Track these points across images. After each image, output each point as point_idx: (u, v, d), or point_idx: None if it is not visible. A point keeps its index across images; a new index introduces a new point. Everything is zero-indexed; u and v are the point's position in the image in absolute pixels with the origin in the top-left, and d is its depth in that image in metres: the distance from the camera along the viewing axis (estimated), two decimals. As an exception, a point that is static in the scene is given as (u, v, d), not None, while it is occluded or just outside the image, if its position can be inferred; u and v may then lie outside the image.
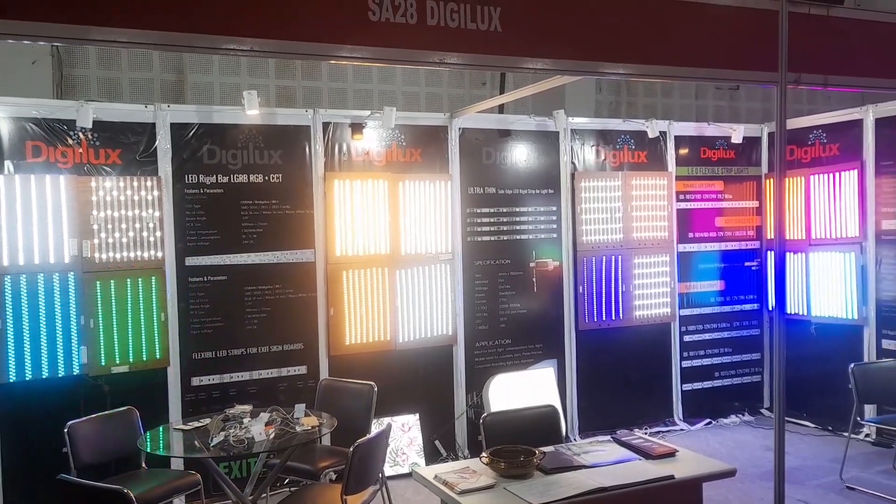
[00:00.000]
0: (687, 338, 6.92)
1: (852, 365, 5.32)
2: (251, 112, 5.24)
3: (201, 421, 4.33)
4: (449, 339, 6.00)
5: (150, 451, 4.13)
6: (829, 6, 3.70)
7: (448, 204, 5.95)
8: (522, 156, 6.27)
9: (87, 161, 4.98)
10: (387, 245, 5.75)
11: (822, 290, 6.58)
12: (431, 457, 5.81)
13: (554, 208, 6.38)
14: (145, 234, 5.10)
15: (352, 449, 3.70)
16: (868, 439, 6.16)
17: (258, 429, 4.01)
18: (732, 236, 7.11)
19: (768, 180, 7.11)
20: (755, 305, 7.21)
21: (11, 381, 4.76)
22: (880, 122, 6.21)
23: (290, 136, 5.52)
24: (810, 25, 3.62)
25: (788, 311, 6.77)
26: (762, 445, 6.18)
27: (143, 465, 4.50)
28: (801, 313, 6.72)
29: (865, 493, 5.11)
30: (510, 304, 6.23)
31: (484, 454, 3.40)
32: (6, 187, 4.74)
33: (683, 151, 6.89)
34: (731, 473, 3.42)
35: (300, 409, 4.35)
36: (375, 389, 4.75)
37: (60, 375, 4.88)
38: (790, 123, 6.70)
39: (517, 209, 6.25)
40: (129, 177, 5.06)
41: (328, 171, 5.60)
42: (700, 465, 3.48)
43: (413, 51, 3.06)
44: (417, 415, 5.83)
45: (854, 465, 5.51)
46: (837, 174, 6.46)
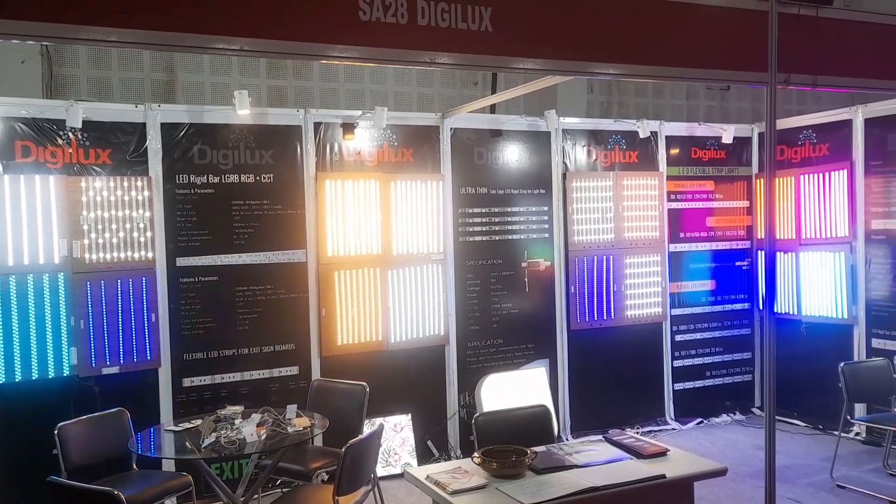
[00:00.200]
0: (678, 337, 6.94)
1: (842, 364, 5.35)
2: (242, 112, 5.22)
3: (192, 422, 4.31)
4: (441, 340, 6.00)
5: (140, 452, 4.11)
6: (818, 7, 3.72)
7: (440, 204, 5.95)
8: (514, 156, 6.27)
9: (76, 161, 4.96)
10: (378, 245, 5.74)
11: (812, 289, 6.61)
12: (424, 457, 5.81)
13: (545, 208, 6.39)
14: (136, 234, 5.08)
15: (344, 449, 3.69)
16: (858, 438, 6.19)
17: (250, 430, 4.00)
18: (723, 236, 7.13)
19: (759, 180, 7.14)
20: (746, 305, 7.24)
21: (1, 382, 4.73)
22: (869, 123, 6.24)
23: (281, 136, 5.51)
24: (800, 26, 3.63)
25: (779, 311, 6.80)
26: (753, 444, 6.21)
27: (134, 466, 4.47)
28: (791, 313, 6.76)
29: (856, 491, 5.14)
30: (502, 304, 6.23)
31: (476, 454, 3.40)
32: (-5, 188, 4.72)
33: (674, 151, 6.92)
34: (722, 472, 3.43)
35: (292, 409, 4.34)
36: (367, 390, 4.74)
37: (50, 377, 4.85)
38: (780, 123, 6.73)
39: (509, 209, 6.25)
40: (120, 177, 5.04)
41: (320, 171, 5.59)
42: (691, 464, 3.49)
43: (404, 51, 3.05)
44: (409, 415, 5.83)
45: (844, 464, 5.54)
46: (827, 174, 6.49)
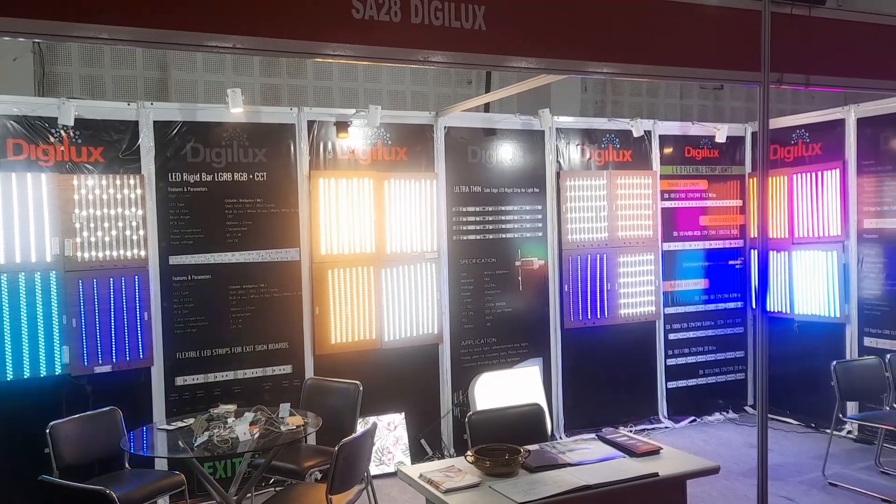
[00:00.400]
0: (672, 336, 6.96)
1: (834, 362, 5.37)
2: (235, 110, 5.21)
3: (185, 421, 4.30)
4: (435, 338, 6.00)
5: (133, 451, 4.11)
6: (811, 6, 3.72)
7: (434, 203, 5.95)
8: (508, 155, 6.27)
9: (69, 159, 4.94)
10: (372, 244, 5.74)
11: (804, 288, 6.63)
12: (417, 456, 5.81)
13: (539, 207, 6.39)
14: (128, 232, 5.06)
15: (337, 448, 3.69)
16: (850, 436, 6.21)
17: (243, 428, 3.99)
18: (716, 235, 7.15)
19: (752, 179, 7.16)
20: (739, 304, 7.25)
21: (-8, 381, 4.72)
22: (862, 122, 6.26)
23: (274, 135, 5.50)
24: (793, 25, 3.64)
25: (772, 310, 6.82)
26: (746, 442, 6.23)
27: (127, 465, 4.46)
28: (784, 311, 6.78)
29: (848, 489, 5.16)
30: (496, 302, 6.24)
31: (469, 453, 3.40)
32: (-13, 185, 4.69)
33: (668, 150, 6.93)
34: (714, 471, 3.44)
35: (285, 408, 4.34)
36: (361, 388, 4.74)
37: (42, 375, 4.83)
38: (773, 123, 6.74)
39: (503, 208, 6.25)
40: (112, 175, 5.02)
41: (313, 169, 5.58)
42: (684, 462, 3.49)
43: (397, 49, 3.04)
44: (403, 414, 5.82)
45: (836, 462, 5.56)
46: (820, 173, 6.51)
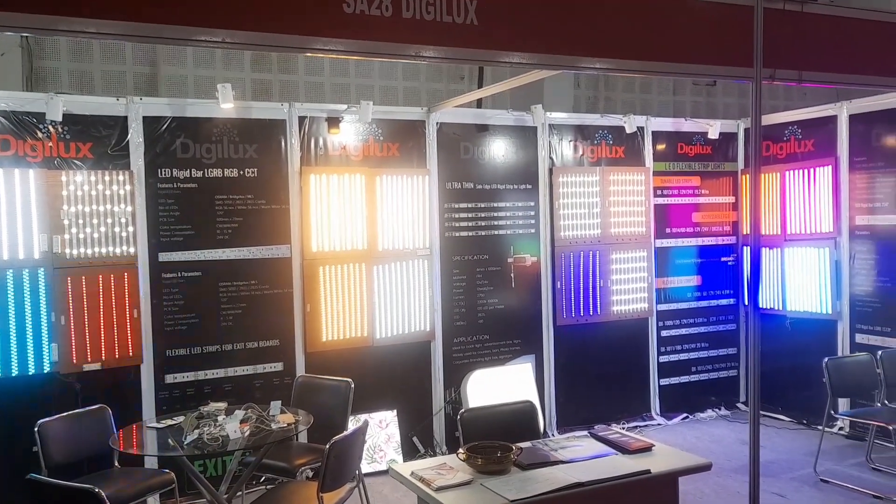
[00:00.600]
0: (664, 333, 6.96)
1: (826, 359, 5.37)
2: (225, 105, 5.17)
3: (175, 419, 4.28)
4: (427, 335, 5.98)
5: (122, 449, 4.08)
6: (803, 2, 3.71)
7: (426, 199, 5.92)
8: (500, 151, 6.25)
9: (57, 155, 4.89)
10: (364, 240, 5.71)
11: (796, 285, 6.64)
12: (409, 453, 5.79)
13: (532, 203, 6.37)
14: (117, 229, 5.02)
15: (328, 446, 3.67)
16: (842, 432, 6.23)
17: (233, 426, 3.97)
18: (709, 231, 7.15)
19: (744, 176, 7.16)
20: (731, 300, 7.26)
21: (-20, 379, 4.67)
22: (854, 119, 6.26)
23: (265, 130, 5.46)
24: (785, 21, 3.63)
25: (764, 306, 6.83)
26: (738, 439, 6.24)
27: (116, 463, 4.43)
28: (776, 308, 6.78)
29: (839, 485, 5.17)
30: (488, 299, 6.22)
31: (461, 450, 3.38)
32: (-27, 181, 4.65)
33: (661, 147, 6.92)
34: (706, 467, 3.43)
35: (276, 406, 4.31)
36: (352, 386, 4.72)
37: (31, 373, 4.79)
38: (766, 119, 6.75)
39: (495, 204, 6.23)
40: (101, 171, 4.98)
41: (304, 165, 5.55)
42: (676, 459, 3.49)
43: (388, 44, 3.01)
44: (395, 411, 5.80)
45: (828, 458, 5.57)
46: (812, 170, 6.51)
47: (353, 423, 4.60)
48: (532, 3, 3.28)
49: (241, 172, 5.38)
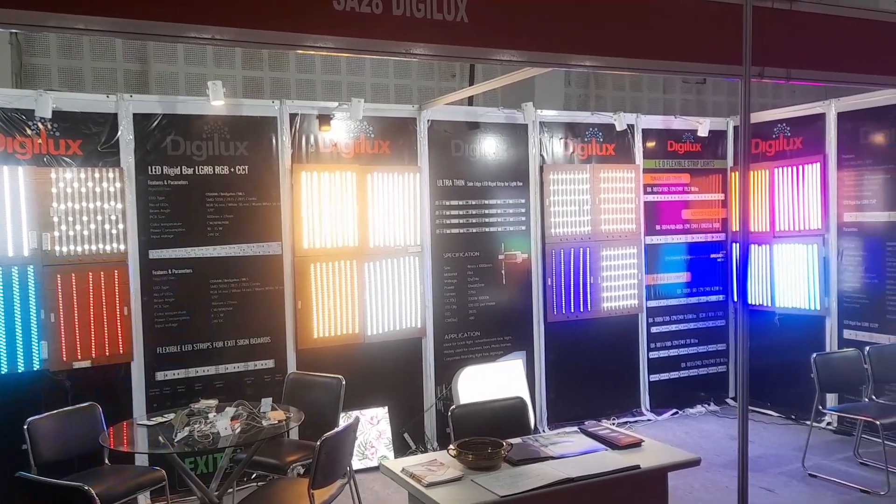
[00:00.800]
0: (654, 329, 6.99)
1: (814, 355, 5.40)
2: (216, 103, 5.15)
3: (166, 416, 4.27)
4: (418, 332, 5.99)
5: (113, 447, 4.07)
6: (792, 0, 3.74)
7: (417, 196, 5.93)
8: (491, 148, 6.26)
9: (46, 152, 4.87)
10: (355, 237, 5.71)
11: (785, 281, 6.68)
12: (400, 450, 5.80)
13: (523, 201, 6.39)
14: (107, 226, 5.01)
15: (319, 443, 3.68)
16: (829, 427, 6.27)
17: (224, 423, 3.97)
18: (699, 228, 7.18)
19: (733, 173, 7.19)
20: (721, 297, 7.30)
21: (-31, 377, 4.65)
22: (842, 117, 6.31)
23: (256, 128, 5.45)
24: (774, 19, 3.65)
25: (753, 303, 6.87)
26: (727, 434, 6.27)
27: (107, 461, 4.41)
28: (765, 304, 6.82)
29: (827, 480, 5.21)
30: (479, 296, 6.23)
31: (451, 446, 3.39)
32: (-38, 178, 4.62)
33: (651, 144, 6.94)
34: (695, 463, 3.46)
35: (267, 403, 4.32)
36: (343, 383, 4.72)
37: (20, 371, 4.77)
38: (755, 117, 6.78)
39: (486, 202, 6.24)
40: (91, 168, 4.96)
41: (295, 162, 5.54)
42: (665, 454, 3.51)
43: (379, 41, 3.02)
44: (386, 408, 5.81)
45: (816, 453, 5.61)
46: (801, 167, 6.55)
47: (344, 420, 4.61)
48: (522, 1, 3.28)
49: (232, 170, 5.37)
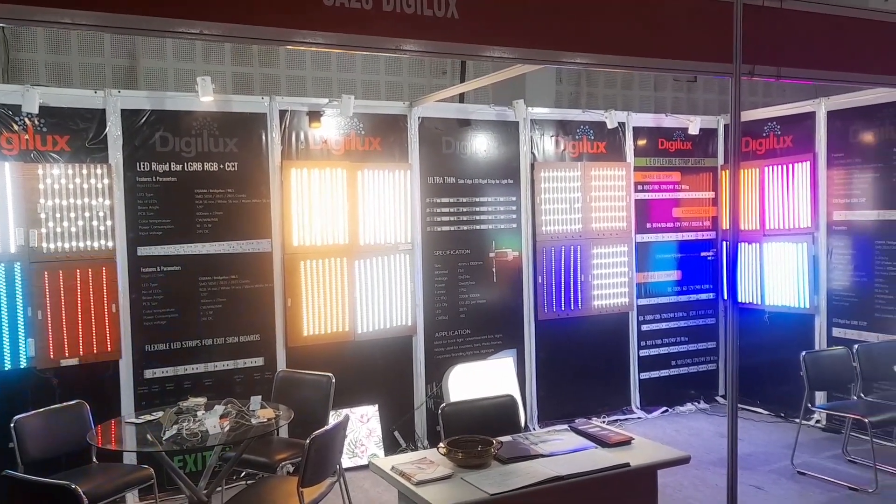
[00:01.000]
0: (644, 327, 7.00)
1: (804, 353, 5.42)
2: (205, 99, 5.12)
3: (154, 414, 4.24)
4: (408, 330, 5.97)
5: (101, 445, 4.04)
6: (782, -1, 3.75)
7: (407, 193, 5.91)
8: (482, 145, 6.25)
9: (33, 148, 4.83)
10: (345, 235, 5.69)
11: (775, 279, 6.70)
12: (391, 448, 5.79)
13: (513, 198, 6.38)
14: (95, 223, 4.97)
15: (308, 441, 3.66)
16: (818, 425, 6.30)
17: (212, 421, 3.94)
18: (689, 226, 7.20)
19: (724, 171, 7.21)
20: (711, 295, 7.32)
21: (-45, 374, 4.61)
22: (832, 115, 6.32)
23: (245, 124, 5.42)
24: (764, 17, 3.65)
25: (743, 301, 6.89)
26: (717, 432, 6.29)
27: (95, 459, 4.39)
28: (755, 302, 6.84)
29: (816, 477, 5.23)
30: (470, 294, 6.22)
31: (441, 444, 3.38)
32: (-52, 174, 4.58)
33: (642, 142, 6.95)
34: (685, 460, 3.46)
35: (256, 401, 4.30)
36: (333, 381, 4.71)
37: (7, 368, 4.73)
38: (745, 115, 6.80)
39: (477, 199, 6.23)
40: (78, 164, 4.92)
41: (285, 159, 5.51)
42: (655, 452, 3.51)
43: (369, 37, 3.00)
44: (376, 406, 5.80)
45: (805, 451, 5.64)
46: (790, 166, 6.57)
47: (333, 418, 4.59)
48: (513, -2, 3.27)
49: (222, 166, 5.34)
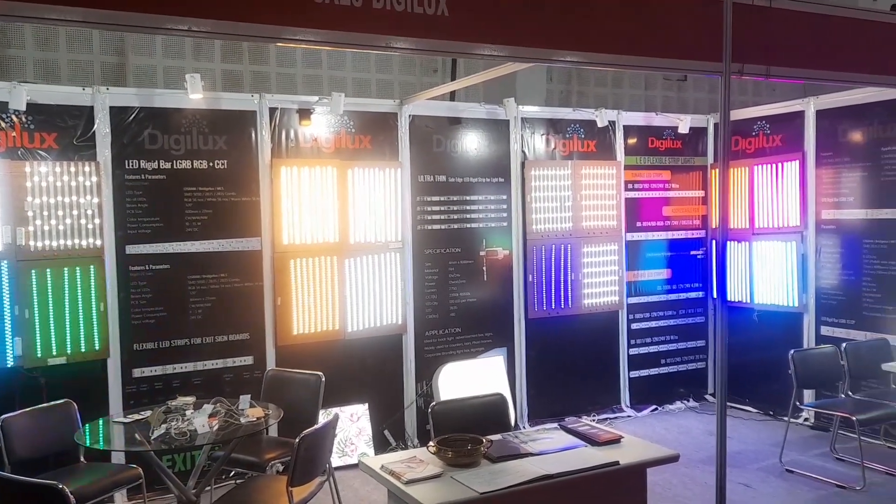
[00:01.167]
0: (634, 325, 7.02)
1: (792, 351, 5.45)
2: (194, 96, 5.09)
3: (142, 413, 4.22)
4: (399, 328, 5.96)
5: (88, 444, 4.02)
6: (771, -3, 3.75)
7: (398, 192, 5.90)
8: (473, 144, 6.25)
9: (21, 145, 4.79)
10: (335, 233, 5.67)
11: (764, 278, 6.73)
12: (381, 447, 5.78)
13: (504, 197, 6.38)
14: (83, 221, 4.93)
15: (298, 440, 3.65)
16: (807, 423, 6.33)
17: (201, 421, 3.92)
18: (679, 225, 7.22)
19: (714, 170, 7.23)
20: (700, 293, 7.34)
21: (-60, 374, 4.58)
22: (821, 114, 6.35)
23: (235, 122, 5.40)
24: (754, 16, 3.66)
25: (732, 299, 6.91)
26: (706, 430, 6.31)
27: (82, 459, 4.36)
28: (744, 301, 6.87)
29: (804, 475, 5.26)
30: (460, 292, 6.22)
31: (431, 443, 3.38)
32: (-67, 172, 4.54)
33: (632, 141, 6.96)
34: (674, 459, 3.47)
35: (245, 400, 4.28)
36: (323, 379, 4.69)
37: (-7, 368, 4.71)
38: (735, 114, 6.82)
39: (467, 197, 6.23)
40: (66, 162, 4.89)
41: (275, 157, 5.49)
42: (644, 450, 3.51)
43: (359, 34, 2.98)
44: (367, 404, 5.79)
45: (793, 449, 5.66)
46: (780, 165, 6.60)
47: (323, 417, 4.58)
48: (504, -5, 3.26)
49: (211, 164, 5.31)
